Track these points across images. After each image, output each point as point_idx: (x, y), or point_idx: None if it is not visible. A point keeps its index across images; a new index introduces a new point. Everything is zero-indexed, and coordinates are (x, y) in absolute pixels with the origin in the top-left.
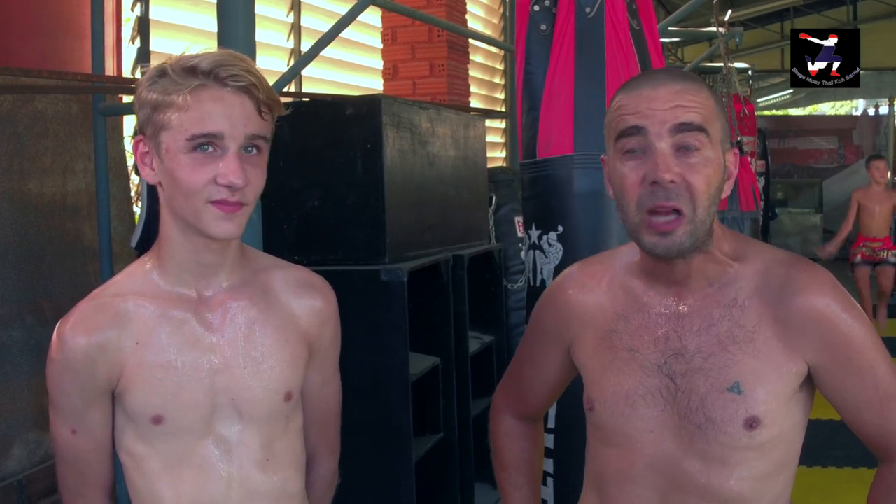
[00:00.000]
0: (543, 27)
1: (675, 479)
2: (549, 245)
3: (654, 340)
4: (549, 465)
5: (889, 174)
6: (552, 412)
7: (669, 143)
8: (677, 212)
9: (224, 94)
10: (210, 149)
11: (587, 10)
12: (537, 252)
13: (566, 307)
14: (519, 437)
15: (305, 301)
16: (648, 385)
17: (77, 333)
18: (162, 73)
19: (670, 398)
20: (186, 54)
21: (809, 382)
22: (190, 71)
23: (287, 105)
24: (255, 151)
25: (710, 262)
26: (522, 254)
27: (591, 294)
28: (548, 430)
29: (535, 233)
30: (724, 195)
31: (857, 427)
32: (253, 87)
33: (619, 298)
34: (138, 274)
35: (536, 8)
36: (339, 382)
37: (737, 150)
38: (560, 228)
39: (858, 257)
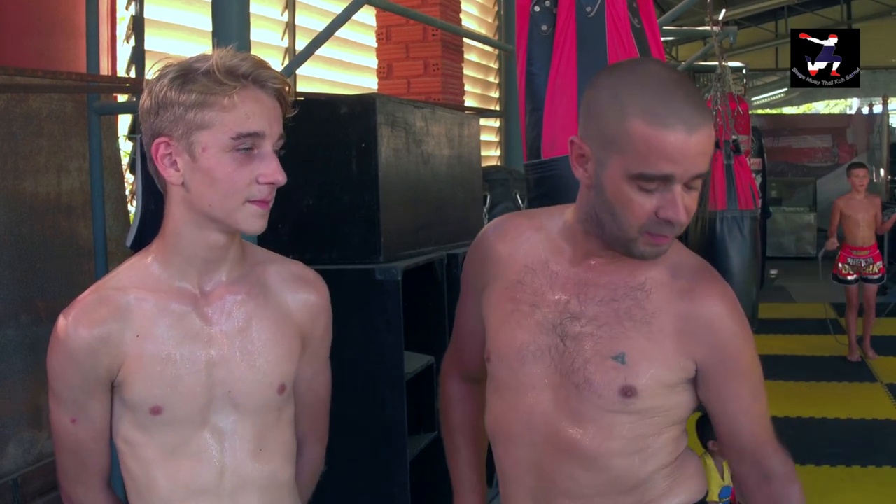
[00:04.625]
0: (544, 28)
1: (550, 439)
2: None
3: (556, 301)
4: None
5: (885, 175)
6: None
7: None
8: None
9: (261, 95)
10: (250, 149)
11: (588, 9)
12: None
13: (486, 254)
14: (462, 398)
15: (300, 296)
16: (540, 342)
17: (80, 326)
18: (186, 73)
19: (557, 357)
20: (223, 55)
21: (695, 381)
22: (231, 72)
23: (294, 104)
24: (280, 151)
25: None
26: None
27: (510, 244)
28: None
29: None
30: None
31: (732, 438)
32: (284, 90)
33: (533, 253)
34: (139, 267)
35: (537, 9)
36: (330, 373)
37: None
38: None
39: (850, 277)
